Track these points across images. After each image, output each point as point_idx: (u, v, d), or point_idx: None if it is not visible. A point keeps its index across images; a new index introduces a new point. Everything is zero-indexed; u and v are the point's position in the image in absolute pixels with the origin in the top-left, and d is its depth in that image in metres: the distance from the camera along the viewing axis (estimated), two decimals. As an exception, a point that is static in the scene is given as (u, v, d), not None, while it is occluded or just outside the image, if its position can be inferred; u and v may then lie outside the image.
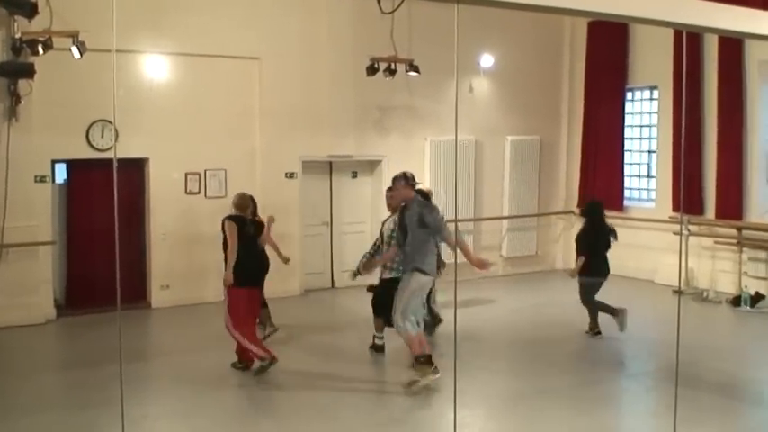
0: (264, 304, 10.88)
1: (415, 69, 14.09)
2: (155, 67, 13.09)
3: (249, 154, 13.93)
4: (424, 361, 8.92)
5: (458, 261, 9.81)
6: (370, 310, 10.59)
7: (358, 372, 9.75)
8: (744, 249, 14.15)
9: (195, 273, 13.46)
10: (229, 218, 9.66)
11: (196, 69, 13.38)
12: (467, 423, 7.73)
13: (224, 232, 9.61)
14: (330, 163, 15.02)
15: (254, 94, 13.87)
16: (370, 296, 14.55)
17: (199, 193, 13.58)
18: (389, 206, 10.38)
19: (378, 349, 10.54)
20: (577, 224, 17.26)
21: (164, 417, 8.26)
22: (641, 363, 10.67)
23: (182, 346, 11.14)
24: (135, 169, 13.23)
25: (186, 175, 13.46)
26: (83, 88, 11.93)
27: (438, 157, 15.43)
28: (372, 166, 15.48)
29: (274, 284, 10.95)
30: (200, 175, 13.55)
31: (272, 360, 9.33)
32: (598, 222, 11.62)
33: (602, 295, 11.46)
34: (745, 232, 14.16)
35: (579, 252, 11.62)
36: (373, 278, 11.15)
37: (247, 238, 9.56)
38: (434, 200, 15.33)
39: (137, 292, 13.35)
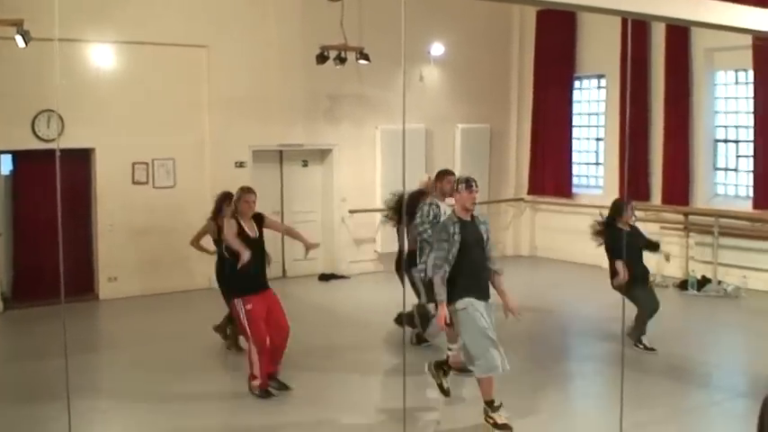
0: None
1: (366, 57, 14.07)
2: (101, 57, 12.91)
3: (198, 143, 13.81)
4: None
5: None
6: (322, 299, 10.51)
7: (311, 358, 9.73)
8: (690, 234, 14.36)
9: (143, 264, 13.34)
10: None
11: (143, 58, 13.21)
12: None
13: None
14: (280, 152, 14.96)
15: (202, 82, 13.75)
16: (322, 285, 14.68)
17: (146, 182, 13.44)
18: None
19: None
20: (528, 211, 17.51)
21: (111, 409, 8.17)
22: (589, 347, 10.79)
23: (130, 337, 11.03)
24: (81, 160, 13.04)
25: (133, 164, 13.31)
26: (28, 78, 11.72)
27: (389, 146, 15.42)
28: (323, 154, 15.44)
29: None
30: (147, 164, 13.41)
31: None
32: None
33: (547, 279, 11.49)
34: (691, 218, 14.38)
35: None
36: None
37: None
38: (386, 188, 15.51)
39: (84, 284, 13.16)
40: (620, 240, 9.69)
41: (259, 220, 8.58)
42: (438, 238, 7.45)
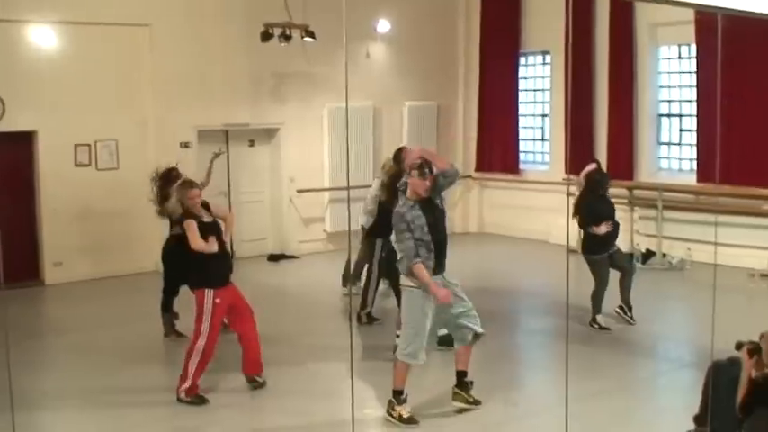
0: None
1: (311, 35, 13.94)
2: (41, 37, 12.63)
3: (141, 124, 13.62)
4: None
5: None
6: (271, 280, 10.44)
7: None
8: (635, 208, 14.53)
9: (89, 248, 13.14)
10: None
11: (84, 38, 12.97)
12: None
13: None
14: (226, 132, 14.80)
15: (144, 62, 13.54)
16: (271, 266, 14.61)
17: (89, 165, 13.22)
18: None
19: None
20: (476, 188, 17.58)
21: (59, 396, 8.06)
22: (537, 321, 10.89)
23: (77, 323, 10.84)
24: (23, 143, 12.78)
25: (76, 146, 13.08)
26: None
27: (336, 125, 15.35)
28: (270, 134, 15.32)
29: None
30: (90, 146, 13.20)
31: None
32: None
33: (495, 254, 11.52)
34: (636, 192, 14.53)
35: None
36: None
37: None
38: (334, 168, 15.48)
39: (28, 269, 12.91)
40: (597, 207, 9.93)
41: (206, 207, 8.12)
42: (398, 230, 7.13)
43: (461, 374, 7.50)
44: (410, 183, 7.22)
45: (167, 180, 9.37)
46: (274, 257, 15.02)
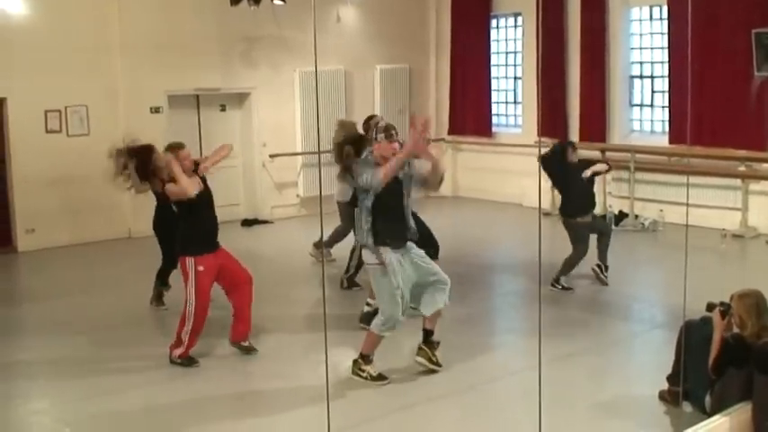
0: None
1: (281, -2, 13.82)
2: (8, 2, 12.43)
3: (111, 89, 13.45)
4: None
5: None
6: (247, 245, 10.37)
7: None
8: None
9: (61, 214, 13.03)
10: None
11: (52, 3, 12.78)
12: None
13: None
14: (197, 96, 14.67)
15: (113, 26, 13.35)
16: (245, 231, 14.57)
17: (60, 131, 13.08)
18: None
19: None
20: (449, 151, 17.56)
21: (34, 363, 8.03)
22: (511, 283, 10.94)
23: (50, 290, 10.77)
24: (-8, 110, 12.68)
25: (46, 113, 12.93)
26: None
27: (308, 89, 15.25)
28: (241, 98, 15.20)
29: (144, 223, 10.61)
30: (60, 112, 13.04)
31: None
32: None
33: (469, 218, 11.50)
34: (608, 154, 14.55)
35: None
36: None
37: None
38: (306, 132, 15.41)
39: (1, 236, 12.84)
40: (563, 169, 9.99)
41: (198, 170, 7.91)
42: (363, 170, 6.95)
43: (428, 333, 7.50)
44: (376, 148, 7.08)
45: (147, 155, 9.10)
46: (247, 222, 14.97)
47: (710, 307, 6.04)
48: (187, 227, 7.75)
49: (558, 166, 10.09)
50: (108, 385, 7.40)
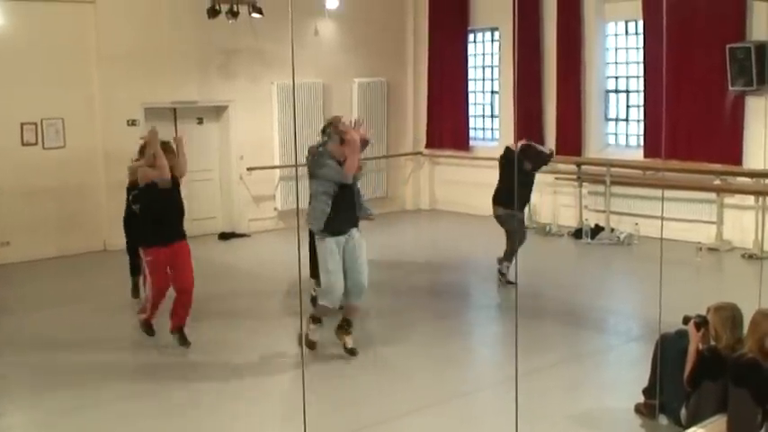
0: None
1: (259, 11, 13.79)
2: (-18, 14, 12.41)
3: (88, 101, 13.40)
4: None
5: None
6: (224, 259, 10.37)
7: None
8: (584, 184, 14.65)
9: (36, 227, 12.93)
10: None
11: (28, 16, 12.71)
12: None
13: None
14: (174, 109, 14.61)
15: (90, 38, 13.31)
16: (222, 244, 14.52)
17: (36, 143, 13.00)
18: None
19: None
20: (426, 164, 17.61)
21: (9, 376, 7.95)
22: (488, 297, 10.95)
23: (25, 303, 10.65)
24: (-34, 121, 12.59)
25: (22, 125, 12.85)
26: None
27: (286, 102, 15.23)
28: (219, 111, 15.17)
29: (119, 236, 10.58)
30: (36, 124, 12.97)
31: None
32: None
33: (446, 231, 11.59)
34: (584, 167, 14.66)
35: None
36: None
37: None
38: (283, 145, 15.38)
39: (-25, 249, 12.77)
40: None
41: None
42: (318, 164, 7.89)
43: (348, 321, 8.24)
44: (333, 148, 7.91)
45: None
46: (225, 236, 14.91)
47: (686, 320, 6.08)
48: (143, 221, 8.43)
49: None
50: (84, 398, 7.32)
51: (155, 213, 8.28)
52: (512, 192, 10.36)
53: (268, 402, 7.20)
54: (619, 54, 14.73)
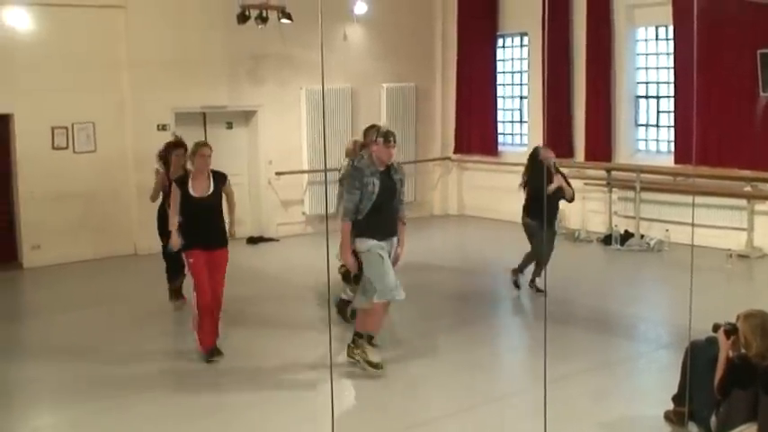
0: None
1: (288, 17, 13.87)
2: (16, 20, 12.51)
3: (118, 106, 13.51)
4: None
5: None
6: (252, 263, 10.36)
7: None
8: (613, 190, 14.58)
9: (67, 231, 13.05)
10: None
11: (59, 20, 12.84)
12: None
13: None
14: (204, 114, 14.72)
15: (120, 43, 13.42)
16: (250, 248, 14.57)
17: (67, 147, 13.12)
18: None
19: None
20: (455, 170, 17.59)
21: (37, 380, 8.01)
22: (516, 303, 10.91)
23: (55, 306, 10.76)
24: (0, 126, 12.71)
25: (53, 129, 12.97)
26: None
27: (314, 107, 15.29)
28: (248, 116, 15.25)
29: (149, 239, 10.67)
30: (67, 129, 13.09)
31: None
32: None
33: (475, 236, 11.53)
34: (614, 173, 14.59)
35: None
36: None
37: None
38: (312, 150, 15.43)
39: (7, 252, 12.87)
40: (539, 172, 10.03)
41: (221, 179, 8.50)
42: (351, 184, 7.63)
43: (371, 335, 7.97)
44: (375, 150, 7.64)
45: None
46: (253, 240, 14.98)
47: (716, 328, 6.03)
48: (187, 223, 8.32)
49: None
50: (113, 401, 7.37)
51: (191, 219, 8.31)
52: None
53: (296, 408, 7.19)
54: (649, 59, 14.65)
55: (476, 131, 16.98)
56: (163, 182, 9.65)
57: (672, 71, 13.89)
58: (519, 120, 16.87)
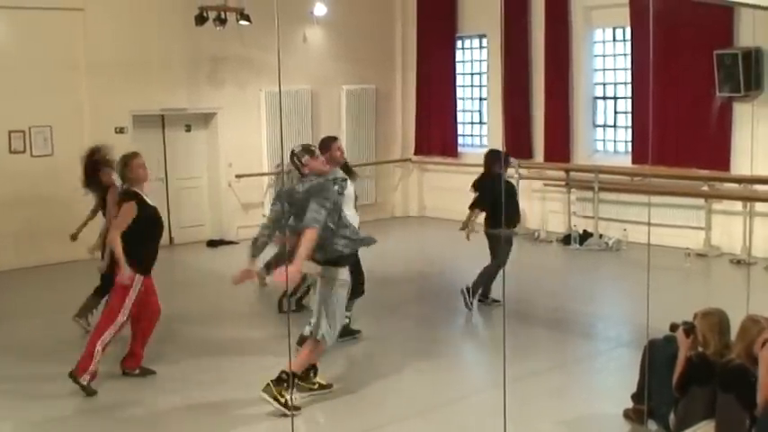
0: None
1: (247, 18, 13.82)
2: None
3: (76, 109, 13.36)
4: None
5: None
6: (210, 265, 10.30)
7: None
8: (572, 190, 14.69)
9: (23, 235, 12.88)
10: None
11: (16, 23, 12.72)
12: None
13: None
14: (162, 116, 14.61)
15: (78, 46, 13.28)
16: (210, 251, 14.48)
17: (24, 151, 12.96)
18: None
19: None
20: (415, 171, 17.62)
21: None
22: (475, 303, 10.92)
23: (10, 311, 10.59)
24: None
25: (10, 133, 12.81)
26: None
27: (274, 109, 15.24)
28: (207, 118, 15.16)
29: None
30: (24, 132, 12.93)
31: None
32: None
33: (434, 238, 11.47)
34: (572, 174, 14.69)
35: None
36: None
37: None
38: (272, 152, 15.38)
39: (-38, 257, 12.71)
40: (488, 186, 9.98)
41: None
42: (326, 198, 6.96)
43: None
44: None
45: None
46: (213, 243, 14.89)
47: (674, 327, 6.08)
48: (143, 245, 7.76)
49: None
50: (74, 405, 7.30)
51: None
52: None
53: (259, 413, 7.14)
54: (607, 61, 14.78)
55: (436, 133, 17.01)
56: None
57: (629, 72, 14.02)
58: (479, 121, 16.94)
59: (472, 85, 16.98)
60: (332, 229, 6.94)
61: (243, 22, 13.86)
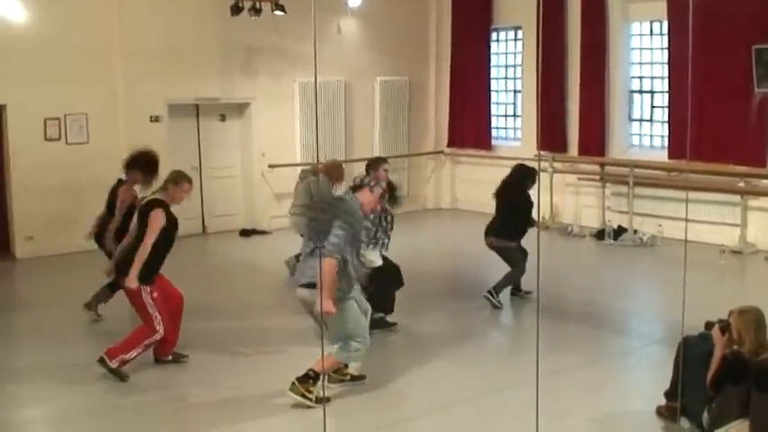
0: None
1: (281, 9, 13.83)
2: (8, 9, 12.43)
3: (111, 97, 13.44)
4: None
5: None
6: (243, 254, 10.32)
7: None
8: (606, 185, 14.58)
9: (59, 222, 12.97)
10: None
11: (53, 10, 12.77)
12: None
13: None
14: (197, 106, 14.68)
15: (114, 34, 13.36)
16: (243, 241, 14.54)
17: (59, 139, 13.06)
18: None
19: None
20: (448, 164, 17.57)
21: (27, 371, 7.98)
22: (508, 297, 10.89)
23: (47, 297, 10.71)
24: (-9, 116, 12.67)
25: (45, 120, 12.91)
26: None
27: (308, 99, 15.27)
28: (241, 108, 15.20)
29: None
30: (60, 120, 13.03)
31: None
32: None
33: (466, 231, 11.42)
34: (607, 168, 14.59)
35: None
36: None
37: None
38: (304, 144, 15.41)
39: (0, 243, 12.87)
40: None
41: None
42: (347, 220, 6.83)
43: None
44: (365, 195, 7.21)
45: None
46: (246, 232, 14.95)
47: (709, 325, 6.03)
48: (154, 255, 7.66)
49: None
50: (103, 392, 7.37)
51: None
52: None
53: (287, 404, 7.16)
54: (643, 54, 14.65)
55: (469, 125, 16.96)
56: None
57: (666, 66, 13.89)
58: (513, 114, 16.86)
59: (506, 78, 16.90)
60: (342, 263, 6.81)
61: (278, 13, 13.87)
